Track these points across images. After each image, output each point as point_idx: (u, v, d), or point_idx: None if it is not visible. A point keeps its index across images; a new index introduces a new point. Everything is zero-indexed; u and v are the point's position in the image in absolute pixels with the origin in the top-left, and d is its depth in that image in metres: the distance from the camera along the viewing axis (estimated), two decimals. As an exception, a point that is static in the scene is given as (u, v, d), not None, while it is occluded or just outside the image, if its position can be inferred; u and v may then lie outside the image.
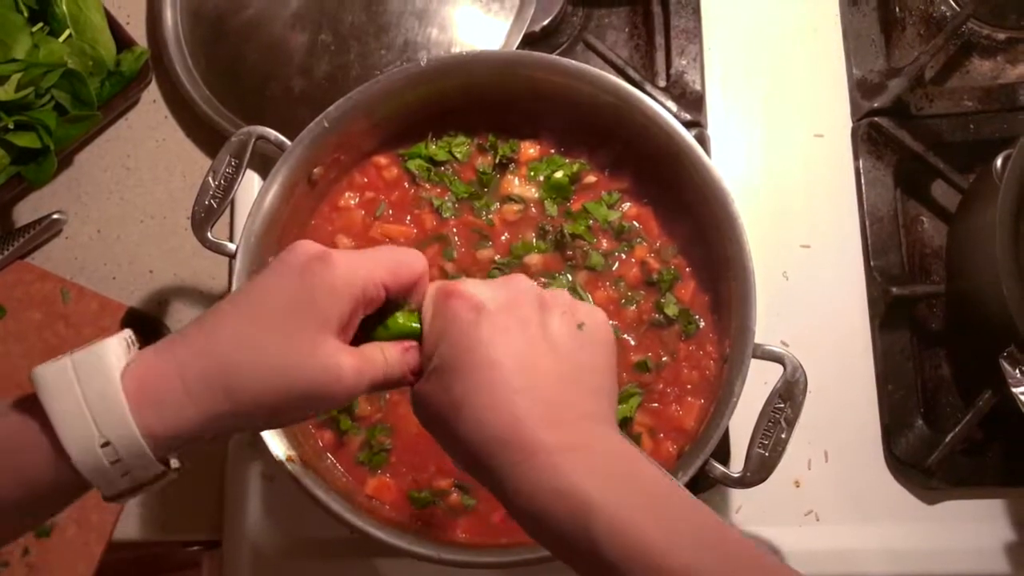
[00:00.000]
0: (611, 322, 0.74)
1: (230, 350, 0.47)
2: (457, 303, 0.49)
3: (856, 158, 0.87)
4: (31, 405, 0.45)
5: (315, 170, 0.75)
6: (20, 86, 0.82)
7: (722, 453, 0.78)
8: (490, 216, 0.78)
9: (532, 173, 0.78)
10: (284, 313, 0.47)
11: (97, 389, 0.44)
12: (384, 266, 0.50)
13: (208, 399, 0.46)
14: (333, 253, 0.49)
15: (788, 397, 0.67)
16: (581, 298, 0.74)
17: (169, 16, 0.94)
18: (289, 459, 0.68)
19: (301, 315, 0.47)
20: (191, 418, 0.46)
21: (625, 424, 0.72)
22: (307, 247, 0.50)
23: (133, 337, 0.49)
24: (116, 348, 0.46)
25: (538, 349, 0.48)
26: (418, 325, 0.52)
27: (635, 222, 0.77)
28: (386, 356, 0.51)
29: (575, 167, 0.78)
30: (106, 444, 0.44)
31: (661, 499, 0.45)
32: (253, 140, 0.73)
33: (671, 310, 0.75)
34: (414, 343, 0.52)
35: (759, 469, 0.66)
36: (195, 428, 0.47)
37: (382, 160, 0.80)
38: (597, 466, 0.45)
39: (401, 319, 0.53)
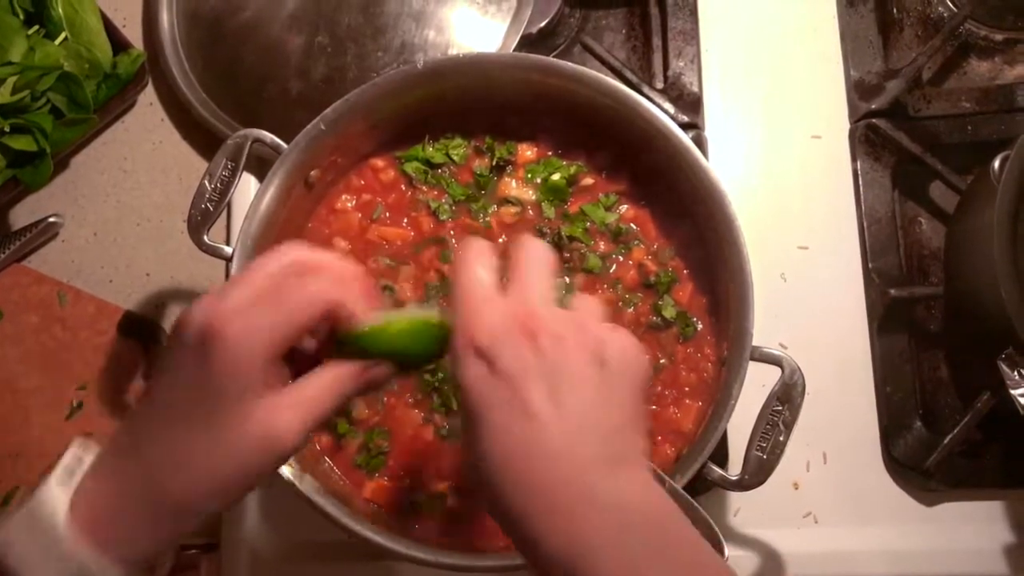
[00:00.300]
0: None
1: (161, 467, 0.46)
2: (468, 363, 0.46)
3: (854, 159, 0.87)
4: None
5: (312, 173, 0.75)
6: (16, 89, 0.81)
7: (720, 455, 0.77)
8: (487, 219, 0.77)
9: (529, 175, 0.78)
10: (195, 408, 0.46)
11: (54, 543, 0.45)
12: (287, 319, 0.46)
13: (161, 521, 0.47)
14: (224, 325, 0.45)
15: (786, 400, 0.67)
16: None
17: (165, 18, 0.94)
18: (287, 463, 0.68)
19: (212, 404, 0.45)
20: (152, 541, 0.47)
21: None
22: (194, 321, 0.46)
23: (80, 455, 0.48)
24: (58, 496, 0.46)
25: (551, 412, 0.45)
26: (368, 348, 0.49)
27: (632, 224, 0.77)
28: (334, 390, 0.49)
29: (572, 169, 0.78)
30: None
31: (658, 558, 0.44)
32: (249, 143, 0.73)
33: (669, 312, 0.75)
34: (364, 365, 0.50)
35: (757, 472, 0.66)
36: (160, 546, 0.48)
37: (379, 162, 0.79)
38: (594, 529, 0.44)
39: (350, 344, 0.49)
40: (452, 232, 0.77)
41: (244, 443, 0.46)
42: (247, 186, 0.88)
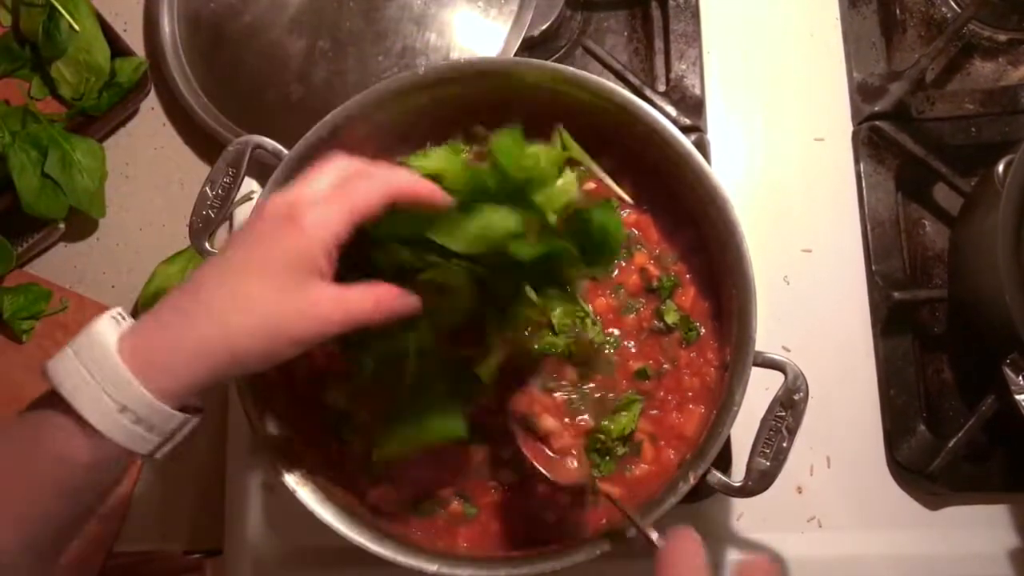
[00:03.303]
0: (612, 330, 0.74)
1: (224, 309, 0.52)
2: None
3: (857, 162, 0.86)
4: (49, 397, 0.51)
5: (313, 179, 0.74)
6: None
7: (723, 461, 0.77)
8: (489, 223, 0.77)
9: (531, 180, 0.77)
10: (268, 270, 0.53)
11: (99, 364, 0.50)
12: (355, 213, 0.54)
13: (210, 356, 0.52)
14: (302, 212, 0.53)
15: (789, 405, 0.66)
16: (582, 307, 0.74)
17: (166, 23, 0.94)
18: (289, 470, 0.68)
19: (283, 272, 0.53)
20: (197, 373, 0.52)
21: (627, 433, 0.72)
22: (276, 207, 0.54)
23: (122, 312, 0.54)
24: (105, 325, 0.52)
25: None
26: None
27: (634, 229, 0.76)
28: (372, 300, 0.56)
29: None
30: (123, 409, 0.50)
31: None
32: (250, 150, 0.73)
33: (671, 317, 0.74)
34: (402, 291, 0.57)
35: (760, 478, 0.65)
36: (202, 381, 0.53)
37: (380, 167, 0.79)
38: None
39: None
40: (454, 237, 0.77)
41: (302, 312, 0.53)
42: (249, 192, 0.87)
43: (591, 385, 0.73)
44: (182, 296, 0.54)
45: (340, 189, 0.55)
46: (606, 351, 0.74)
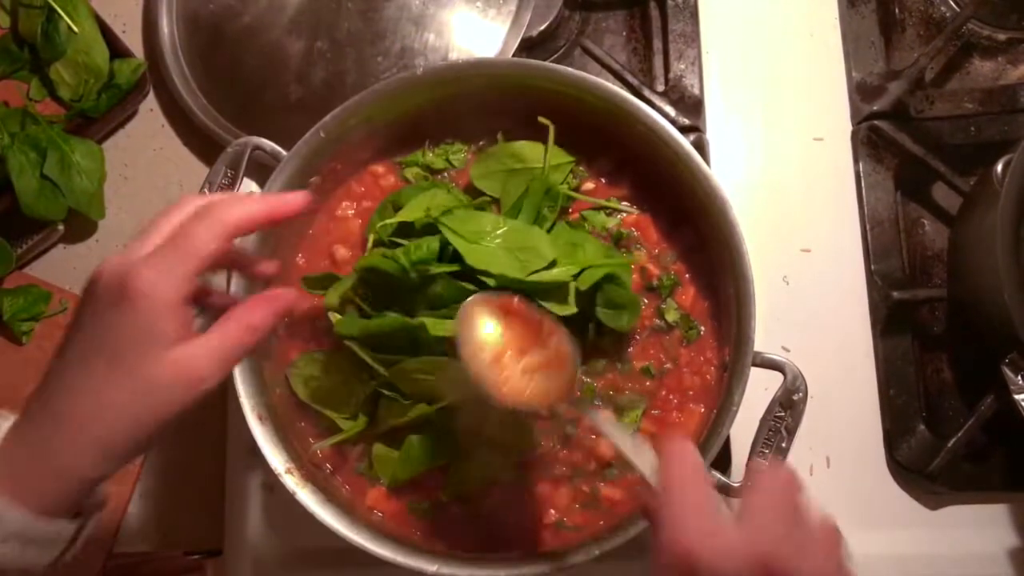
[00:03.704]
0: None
1: (84, 423, 0.48)
2: None
3: (856, 161, 0.86)
4: None
5: (312, 180, 0.75)
6: None
7: (722, 461, 0.77)
8: (488, 224, 0.77)
9: (530, 181, 0.77)
10: (113, 357, 0.48)
11: None
12: (193, 263, 0.49)
13: (86, 467, 0.49)
14: (133, 281, 0.48)
15: (788, 406, 0.66)
16: None
17: (165, 24, 0.93)
18: (288, 471, 0.68)
19: (129, 351, 0.48)
20: (80, 483, 0.49)
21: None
22: (108, 278, 0.49)
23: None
24: None
25: None
26: None
27: (633, 229, 0.76)
28: (246, 324, 0.51)
29: (573, 175, 0.77)
30: (5, 540, 0.47)
31: None
32: (249, 151, 0.73)
33: (672, 316, 0.74)
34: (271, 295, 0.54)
35: (760, 479, 0.65)
36: (88, 488, 0.49)
37: (379, 168, 0.79)
38: None
39: None
40: (453, 238, 0.77)
41: (163, 386, 0.48)
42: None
43: (598, 385, 0.73)
44: (37, 411, 0.49)
45: (174, 239, 0.50)
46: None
